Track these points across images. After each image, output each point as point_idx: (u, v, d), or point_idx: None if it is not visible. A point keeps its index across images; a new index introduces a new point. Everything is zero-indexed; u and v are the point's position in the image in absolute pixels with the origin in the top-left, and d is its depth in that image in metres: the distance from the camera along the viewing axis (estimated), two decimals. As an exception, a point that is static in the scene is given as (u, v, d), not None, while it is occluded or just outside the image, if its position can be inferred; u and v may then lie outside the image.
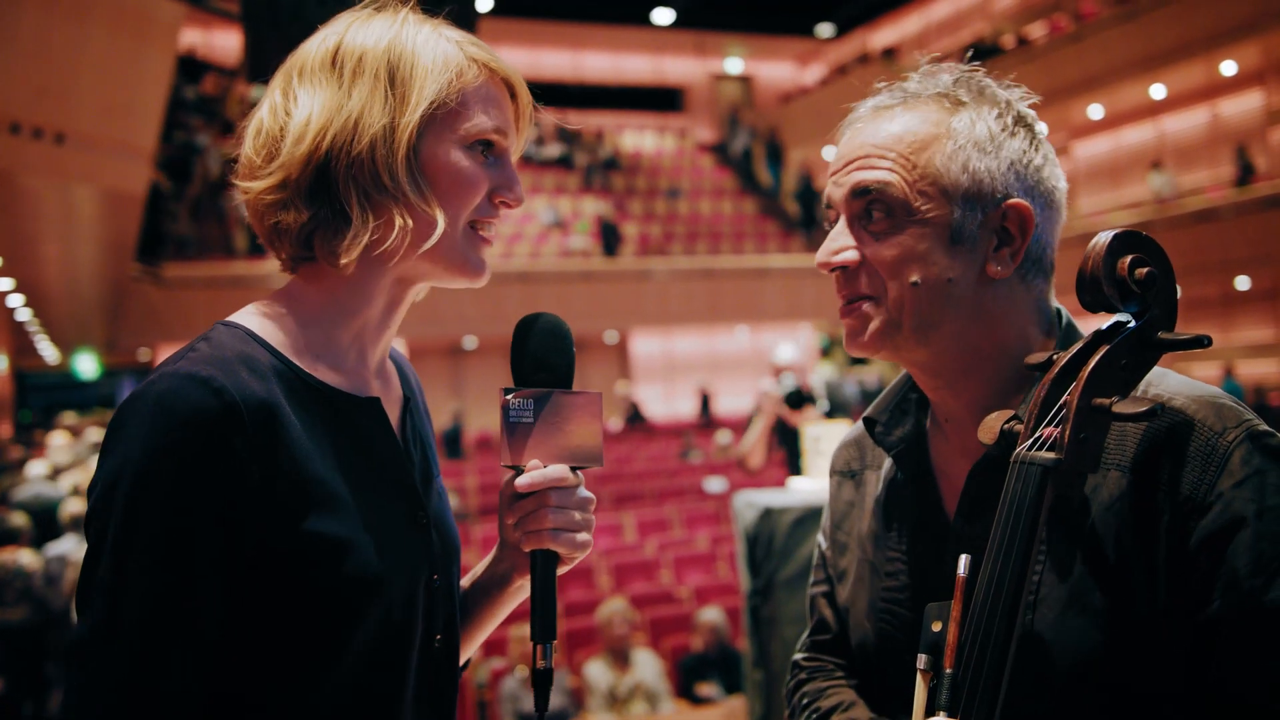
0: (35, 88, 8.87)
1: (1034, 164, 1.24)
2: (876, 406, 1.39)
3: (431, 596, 1.22)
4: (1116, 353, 1.10)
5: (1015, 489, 1.08)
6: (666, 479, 13.84)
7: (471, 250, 1.22)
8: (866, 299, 1.24)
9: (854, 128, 1.28)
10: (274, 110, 1.19)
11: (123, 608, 1.02)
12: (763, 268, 21.18)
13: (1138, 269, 1.09)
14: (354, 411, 1.19)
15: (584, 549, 1.23)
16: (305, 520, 1.09)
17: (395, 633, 1.16)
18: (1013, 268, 1.22)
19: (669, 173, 25.31)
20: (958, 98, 1.25)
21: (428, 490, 1.28)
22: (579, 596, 8.30)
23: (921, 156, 1.21)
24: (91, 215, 11.83)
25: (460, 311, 17.69)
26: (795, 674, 1.48)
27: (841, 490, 1.49)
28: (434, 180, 1.17)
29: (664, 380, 23.32)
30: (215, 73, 19.57)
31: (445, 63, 1.18)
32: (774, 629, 4.11)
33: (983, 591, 1.06)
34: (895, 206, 1.21)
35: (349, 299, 1.21)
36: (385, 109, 1.15)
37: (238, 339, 1.14)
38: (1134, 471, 1.14)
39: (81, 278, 14.76)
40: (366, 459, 1.19)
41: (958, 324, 1.22)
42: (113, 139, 10.02)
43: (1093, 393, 1.08)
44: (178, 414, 1.04)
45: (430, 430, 1.40)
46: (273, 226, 1.17)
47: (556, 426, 1.21)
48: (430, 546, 1.23)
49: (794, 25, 27.08)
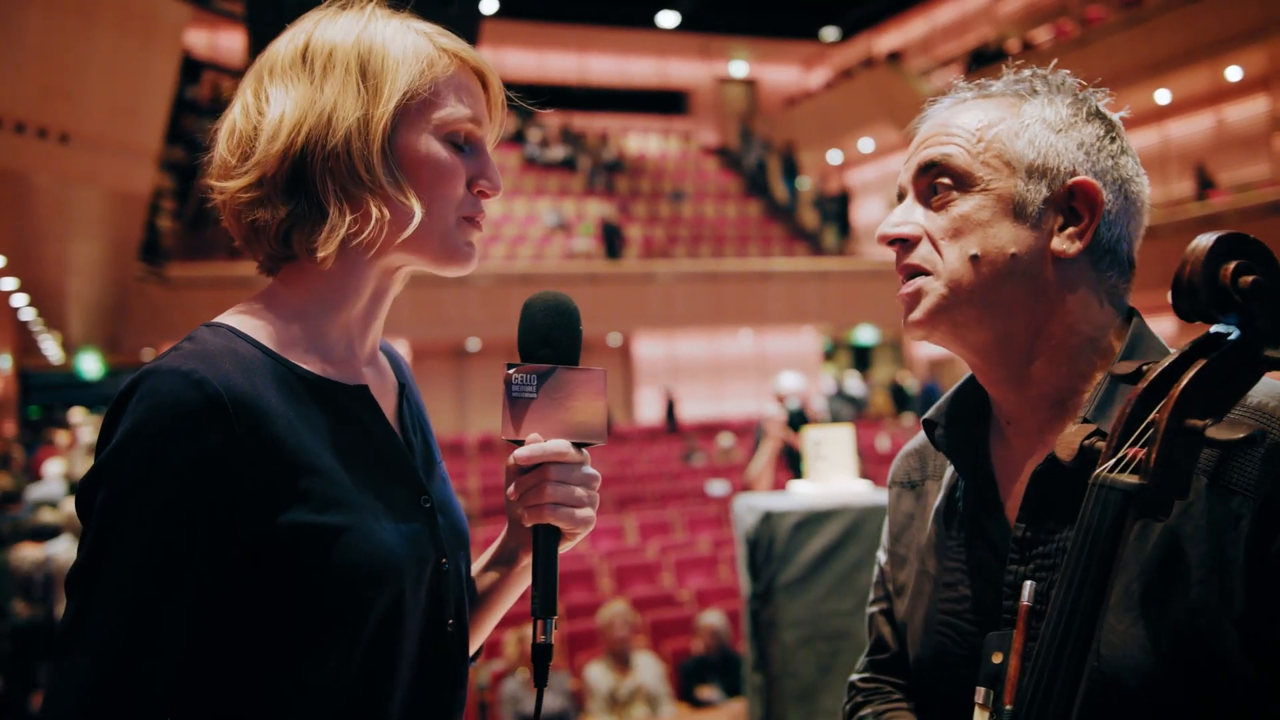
0: (41, 88, 8.89)
1: (1108, 150, 1.21)
2: (937, 409, 1.33)
3: (441, 581, 1.22)
4: (1214, 369, 0.99)
5: (1093, 514, 0.98)
6: (669, 482, 13.83)
7: (460, 236, 1.22)
8: (922, 274, 1.21)
9: (929, 117, 1.28)
10: (246, 110, 1.19)
11: (96, 603, 1.03)
12: (766, 271, 21.18)
13: (1242, 276, 0.97)
14: (346, 399, 1.20)
15: (585, 525, 1.23)
16: (304, 507, 1.09)
17: (404, 617, 1.15)
18: (1079, 247, 1.17)
19: (673, 176, 25.32)
20: (1034, 88, 1.24)
21: (430, 475, 1.28)
22: (580, 599, 8.29)
23: (988, 133, 1.19)
24: (96, 215, 11.85)
25: (464, 314, 17.70)
26: (852, 696, 1.43)
27: (901, 501, 1.43)
28: (411, 171, 1.17)
29: (668, 383, 23.32)
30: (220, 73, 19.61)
31: (416, 53, 1.18)
32: (774, 633, 4.11)
33: (1052, 624, 0.97)
34: (959, 177, 1.19)
35: (332, 293, 1.21)
36: (359, 102, 1.15)
37: (222, 336, 1.14)
38: (1210, 474, 1.07)
39: (85, 277, 14.78)
40: (363, 446, 1.19)
41: (1021, 303, 1.18)
42: (118, 139, 10.04)
43: (1185, 413, 0.97)
44: (159, 409, 1.04)
45: (428, 419, 1.40)
46: (250, 225, 1.17)
47: (559, 402, 1.21)
48: (436, 530, 1.23)
49: (799, 29, 27.09)
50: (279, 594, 1.09)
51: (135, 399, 1.05)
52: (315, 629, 1.10)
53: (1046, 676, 0.96)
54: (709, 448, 16.14)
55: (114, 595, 1.03)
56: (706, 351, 23.61)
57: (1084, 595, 0.96)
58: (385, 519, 1.15)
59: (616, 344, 22.77)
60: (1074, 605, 0.96)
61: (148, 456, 1.04)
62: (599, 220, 21.46)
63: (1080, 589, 0.96)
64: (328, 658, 1.10)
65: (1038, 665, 0.97)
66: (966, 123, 1.21)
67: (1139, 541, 1.09)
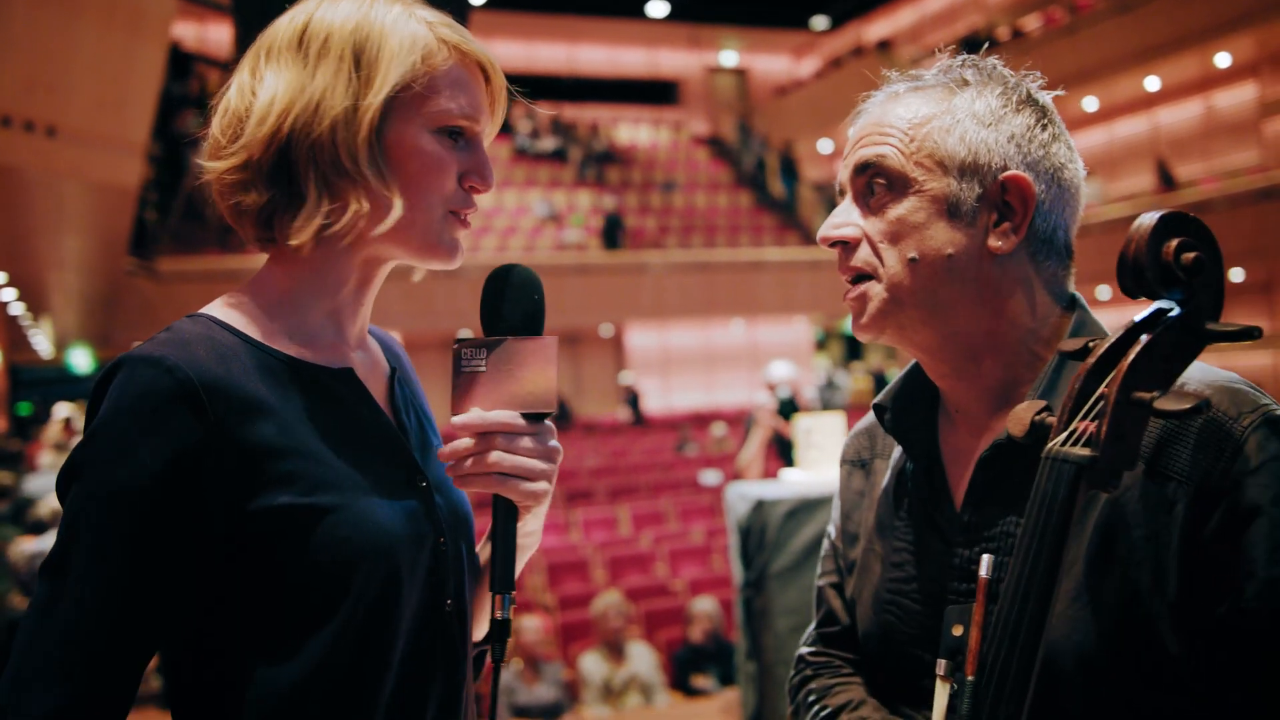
0: (27, 81, 8.83)
1: (1039, 140, 1.21)
2: (886, 394, 1.36)
3: (439, 560, 1.21)
4: (1159, 343, 1.02)
5: (1046, 487, 1.00)
6: (662, 472, 13.83)
7: (446, 231, 1.22)
8: (866, 278, 1.22)
9: (865, 112, 1.28)
10: (241, 90, 1.19)
11: (67, 588, 1.04)
12: (758, 261, 21.17)
13: (1184, 253, 1.01)
14: (330, 382, 1.19)
15: (535, 498, 1.19)
16: (289, 489, 1.09)
17: (400, 596, 1.15)
18: (1015, 242, 1.19)
19: (664, 166, 25.27)
20: (964, 79, 1.24)
21: (427, 456, 1.28)
22: (574, 589, 8.30)
23: (921, 131, 1.20)
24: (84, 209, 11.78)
25: (455, 305, 17.65)
26: (800, 669, 1.44)
27: (851, 480, 1.46)
28: (399, 164, 1.16)
29: (660, 373, 23.31)
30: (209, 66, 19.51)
31: (413, 44, 1.16)
32: (766, 621, 4.12)
33: (1009, 595, 1.00)
34: (894, 179, 1.20)
35: (315, 280, 1.21)
36: (349, 91, 1.14)
37: (199, 325, 1.15)
38: (1147, 460, 1.09)
39: (74, 271, 14.71)
40: (351, 428, 1.19)
41: (962, 302, 1.19)
42: (105, 133, 9.97)
43: (1133, 385, 1.00)
44: (131, 394, 1.05)
45: (425, 401, 1.39)
46: (233, 207, 1.17)
47: (508, 373, 1.18)
48: (434, 510, 1.22)
49: (789, 18, 27.02)
50: (270, 575, 1.09)
51: (110, 388, 1.06)
52: (309, 608, 1.10)
53: (1006, 645, 0.99)
54: (702, 438, 16.14)
55: (84, 581, 1.03)
56: (698, 341, 23.62)
57: (1040, 565, 0.99)
58: (377, 498, 1.15)
59: (608, 335, 22.75)
60: (1030, 575, 0.99)
61: (120, 445, 1.04)
62: (598, 210, 21.39)
63: (1036, 559, 0.99)
64: (322, 636, 1.10)
65: (997, 635, 1.00)
66: (899, 119, 1.22)
67: (1078, 526, 1.10)
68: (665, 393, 23.06)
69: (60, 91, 9.22)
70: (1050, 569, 0.99)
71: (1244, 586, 1.03)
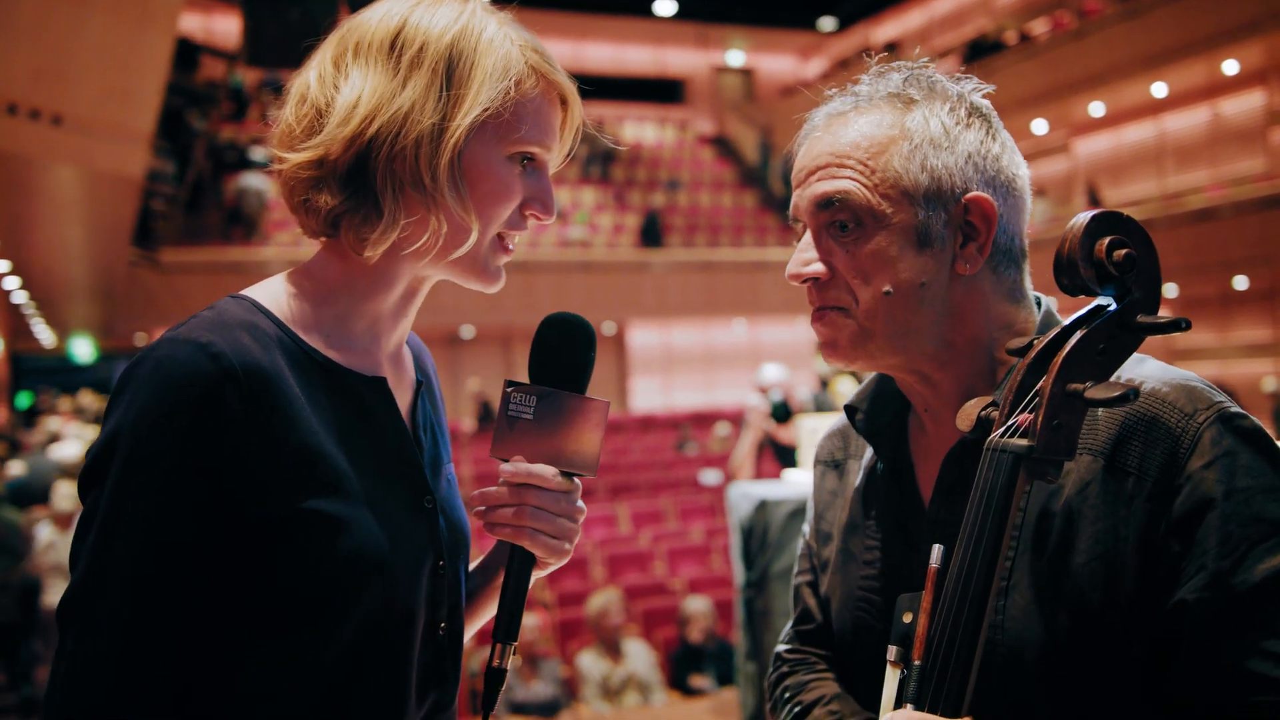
0: (33, 69, 8.82)
1: (992, 154, 1.23)
2: (858, 395, 1.39)
3: (436, 583, 1.20)
4: (1094, 337, 1.08)
5: (987, 477, 1.05)
6: (661, 471, 13.84)
7: (493, 258, 1.21)
8: (836, 309, 1.23)
9: (811, 137, 1.27)
10: (322, 80, 1.15)
11: (109, 570, 1.02)
12: (761, 261, 21.15)
13: (1116, 250, 1.06)
14: (360, 389, 1.17)
15: (558, 555, 1.20)
16: (304, 492, 1.07)
17: (396, 617, 1.14)
18: (981, 261, 1.21)
19: (669, 164, 25.26)
20: (909, 96, 1.24)
21: (436, 476, 1.26)
22: (573, 587, 8.29)
23: (879, 160, 1.20)
24: (88, 198, 11.78)
25: (458, 302, 17.65)
26: (778, 666, 1.47)
27: (825, 480, 1.49)
28: (471, 186, 1.14)
29: (662, 372, 23.31)
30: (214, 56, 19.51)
31: (506, 69, 1.15)
32: (767, 621, 4.11)
33: (953, 582, 1.04)
34: (860, 214, 1.20)
35: (367, 285, 1.19)
36: (438, 108, 1.12)
37: (243, 309, 1.12)
38: (1106, 455, 1.13)
39: (77, 261, 14.71)
40: (371, 439, 1.17)
41: (932, 324, 1.21)
42: (111, 122, 9.96)
43: (1067, 378, 1.05)
44: (174, 378, 1.02)
45: (444, 418, 1.38)
46: (302, 203, 1.15)
47: (554, 428, 1.18)
48: (436, 532, 1.21)
49: (796, 18, 27.00)
50: (266, 576, 1.07)
51: (151, 367, 1.03)
52: (300, 616, 1.08)
53: (949, 630, 1.02)
54: (703, 437, 16.14)
55: (131, 561, 1.01)
56: (700, 341, 23.60)
57: (982, 552, 1.03)
58: (383, 514, 1.13)
59: (611, 333, 22.74)
60: (972, 562, 1.03)
61: (161, 426, 1.02)
62: (643, 209, 21.30)
63: (978, 547, 1.03)
64: (309, 647, 1.08)
65: (942, 620, 1.03)
66: (853, 147, 1.21)
67: (1041, 521, 1.15)
68: (666, 391, 23.06)
69: (67, 80, 9.22)
70: (990, 557, 1.02)
71: (1194, 578, 1.06)
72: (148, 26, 9.76)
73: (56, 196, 11.47)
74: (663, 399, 22.69)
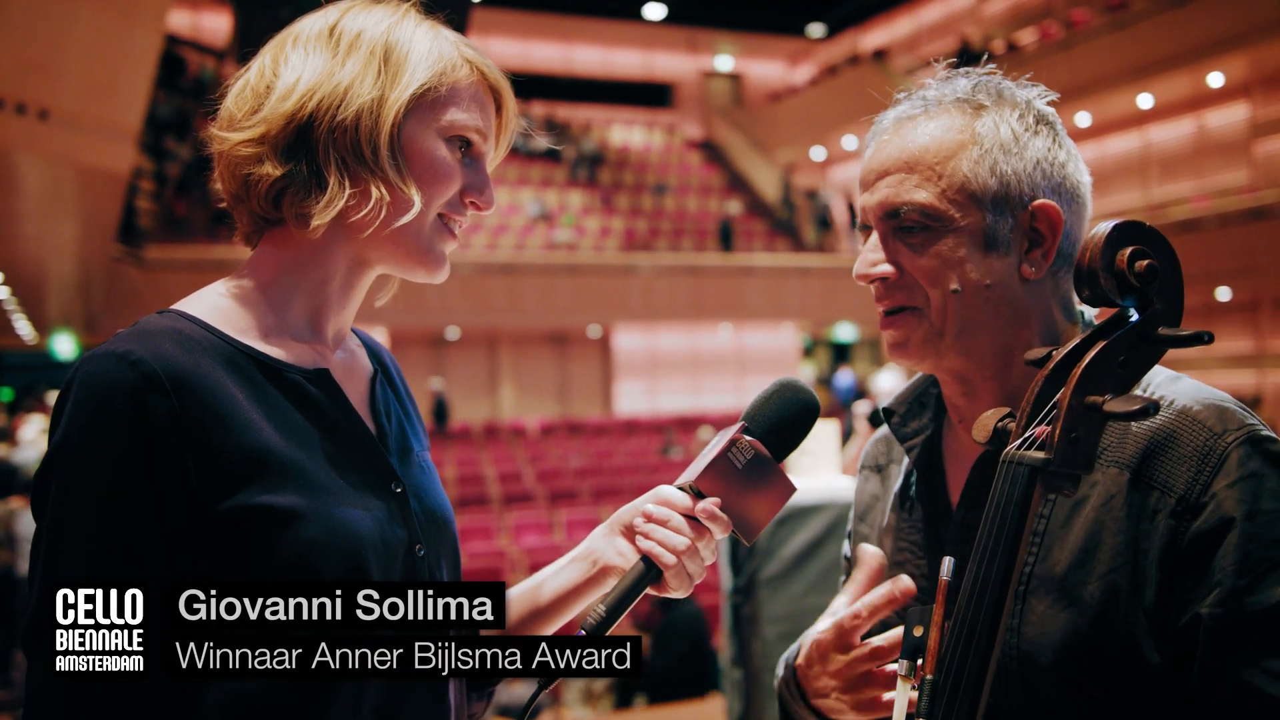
0: (20, 63, 8.76)
1: (1058, 161, 1.24)
2: (897, 399, 1.41)
3: (414, 567, 1.20)
4: (1114, 349, 1.06)
5: (1002, 489, 1.04)
6: (646, 474, 13.84)
7: (436, 241, 1.22)
8: (908, 309, 1.24)
9: (879, 140, 1.28)
10: (262, 71, 1.19)
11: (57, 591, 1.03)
12: (748, 266, 21.20)
13: (1138, 261, 1.04)
14: (304, 383, 1.18)
15: (685, 591, 1.23)
16: (255, 488, 1.07)
17: None
18: (1045, 267, 1.22)
19: (656, 168, 25.29)
20: (979, 102, 1.25)
21: (406, 463, 1.26)
22: (557, 590, 8.27)
23: (948, 165, 1.21)
24: (73, 194, 11.71)
25: (444, 302, 17.63)
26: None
27: (868, 484, 1.50)
28: (410, 163, 1.17)
29: (647, 376, 23.32)
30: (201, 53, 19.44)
31: (440, 55, 1.20)
32: (755, 627, 4.10)
33: (966, 595, 1.03)
34: (929, 217, 1.21)
35: (301, 274, 1.20)
36: (376, 83, 1.16)
37: (168, 320, 1.13)
38: (1132, 469, 1.14)
39: (61, 257, 14.62)
40: (323, 430, 1.17)
41: (995, 327, 1.22)
42: (97, 117, 9.91)
43: (1086, 390, 1.03)
44: (96, 392, 1.04)
45: (412, 405, 1.38)
46: (244, 179, 1.16)
47: (750, 487, 1.23)
48: (409, 516, 1.21)
49: (785, 24, 27.11)
50: (235, 571, 1.07)
51: (76, 386, 1.05)
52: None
53: (963, 644, 1.01)
54: (687, 441, 16.14)
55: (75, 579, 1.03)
56: (686, 345, 23.63)
57: (997, 565, 1.01)
58: (346, 500, 1.13)
59: (596, 336, 22.75)
60: (987, 575, 1.02)
61: (90, 442, 1.04)
62: (720, 216, 21.06)
63: (993, 560, 1.02)
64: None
65: (955, 634, 1.02)
66: (923, 151, 1.23)
67: (1063, 530, 1.16)
68: (651, 395, 23.07)
69: (53, 74, 9.16)
70: (1005, 570, 1.01)
71: (1212, 596, 1.07)
72: (135, 21, 9.72)
73: (41, 191, 11.40)
74: (648, 403, 22.69)
